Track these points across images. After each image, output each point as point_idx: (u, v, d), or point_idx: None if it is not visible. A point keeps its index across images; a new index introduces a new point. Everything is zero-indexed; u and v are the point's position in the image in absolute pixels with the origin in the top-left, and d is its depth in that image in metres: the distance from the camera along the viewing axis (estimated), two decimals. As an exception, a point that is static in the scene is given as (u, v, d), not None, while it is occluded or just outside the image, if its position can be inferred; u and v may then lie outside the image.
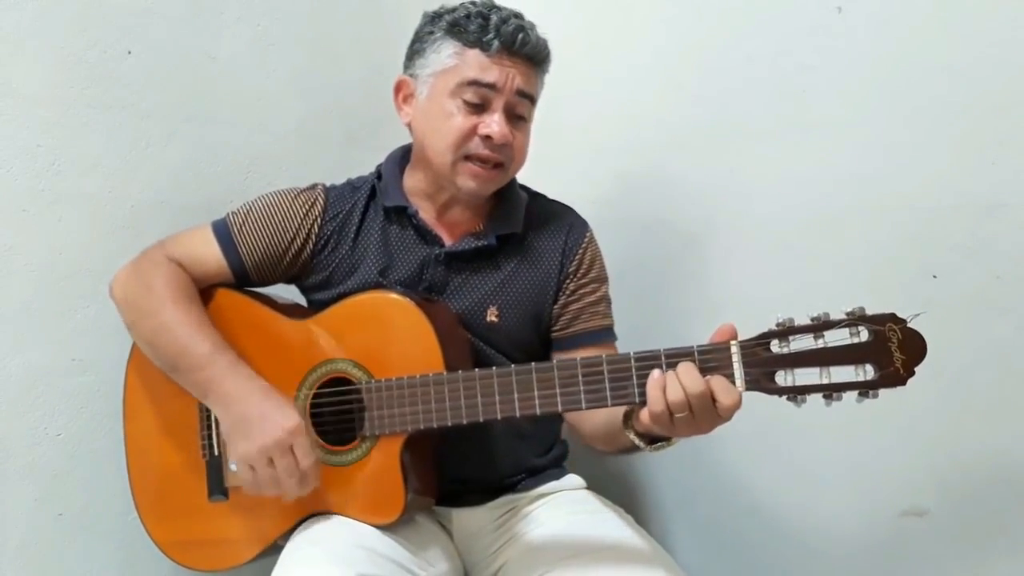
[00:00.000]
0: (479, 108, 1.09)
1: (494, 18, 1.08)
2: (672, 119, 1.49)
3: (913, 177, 1.21)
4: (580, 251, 1.20)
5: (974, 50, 1.16)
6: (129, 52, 1.29)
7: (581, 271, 1.20)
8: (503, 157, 1.12)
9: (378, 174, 1.22)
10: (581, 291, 1.20)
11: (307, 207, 1.17)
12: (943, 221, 1.19)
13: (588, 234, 1.23)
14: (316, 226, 1.16)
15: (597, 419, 1.07)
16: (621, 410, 0.98)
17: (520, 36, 1.08)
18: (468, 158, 1.10)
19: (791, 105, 1.33)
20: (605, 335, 1.20)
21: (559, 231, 1.21)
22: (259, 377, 1.04)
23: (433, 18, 1.13)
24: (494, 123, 1.09)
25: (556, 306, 1.19)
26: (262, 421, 0.99)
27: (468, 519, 1.19)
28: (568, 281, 1.19)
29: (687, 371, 0.87)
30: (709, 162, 1.43)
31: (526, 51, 1.10)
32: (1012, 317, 1.15)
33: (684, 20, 1.47)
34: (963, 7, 1.16)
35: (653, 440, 0.96)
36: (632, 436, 0.96)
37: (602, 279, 1.23)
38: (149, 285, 1.10)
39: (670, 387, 0.87)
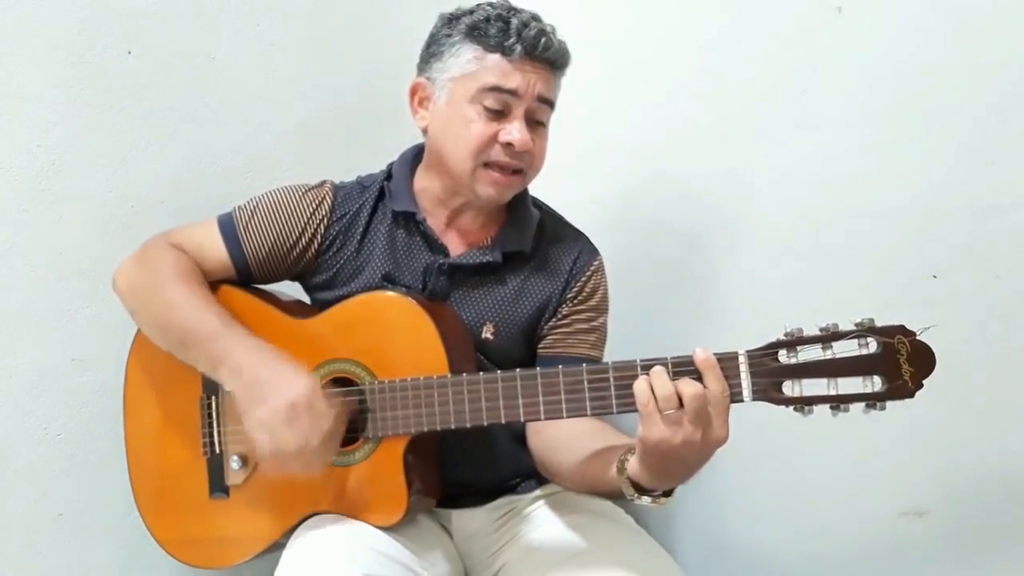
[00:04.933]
0: (499, 114, 1.07)
1: (515, 22, 1.05)
2: (672, 119, 1.49)
3: (913, 177, 1.21)
4: (584, 278, 1.18)
5: (974, 50, 1.16)
6: (129, 52, 1.29)
7: (580, 298, 1.17)
8: (523, 164, 1.10)
9: (388, 174, 1.20)
10: (573, 316, 1.17)
11: (314, 206, 1.15)
12: (943, 221, 1.19)
13: (596, 263, 1.20)
14: (323, 226, 1.15)
15: (577, 455, 1.03)
16: (609, 457, 0.96)
17: (543, 41, 1.05)
18: (488, 165, 1.08)
19: (791, 105, 1.33)
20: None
21: (567, 256, 1.19)
22: (269, 343, 1.02)
23: (450, 20, 1.11)
24: (515, 130, 1.06)
25: (547, 326, 1.17)
26: (277, 382, 0.96)
27: (468, 520, 1.19)
28: (564, 306, 1.17)
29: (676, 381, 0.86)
30: (710, 162, 1.43)
31: (548, 56, 1.07)
32: (1012, 317, 1.15)
33: (685, 20, 1.48)
34: (963, 7, 1.16)
35: (643, 491, 0.93)
36: (624, 483, 0.92)
37: (600, 310, 1.19)
38: (153, 268, 1.10)
39: (657, 382, 0.86)
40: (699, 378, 0.86)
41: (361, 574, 0.93)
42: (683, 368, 0.87)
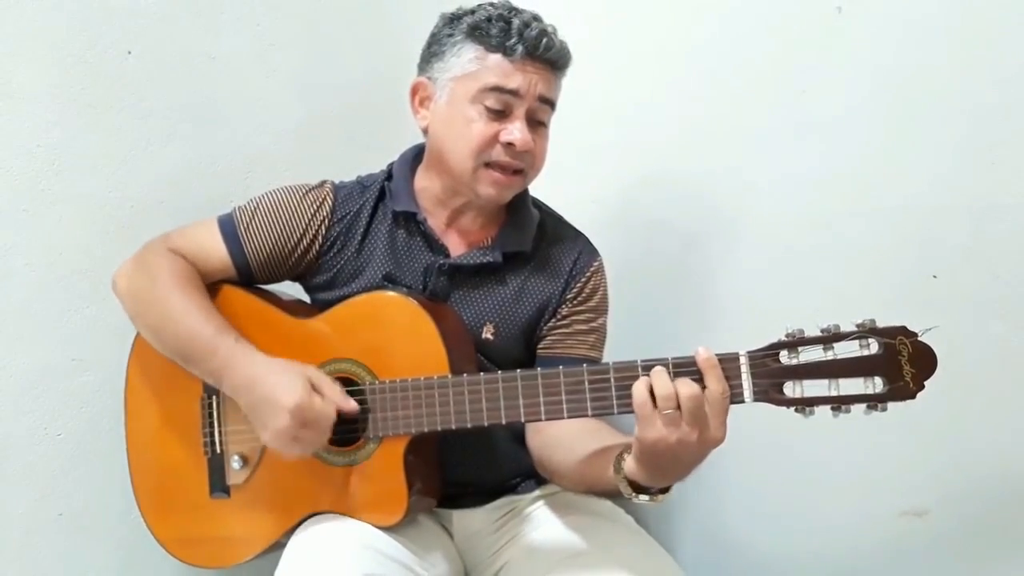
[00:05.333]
0: (500, 114, 1.07)
1: (516, 22, 1.06)
2: (672, 119, 1.49)
3: (913, 177, 1.21)
4: (583, 279, 1.18)
5: (974, 50, 1.16)
6: (129, 52, 1.29)
7: (579, 299, 1.18)
8: (523, 164, 1.10)
9: (388, 174, 1.20)
10: (573, 317, 1.17)
11: (315, 207, 1.15)
12: (943, 221, 1.19)
13: (596, 264, 1.20)
14: (324, 227, 1.15)
15: (575, 454, 1.04)
16: (606, 457, 0.96)
17: (544, 41, 1.06)
18: (489, 165, 1.08)
19: (791, 105, 1.33)
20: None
21: (567, 256, 1.19)
22: (260, 353, 1.03)
23: (452, 20, 1.11)
24: (516, 130, 1.06)
25: (546, 327, 1.17)
26: (270, 406, 0.98)
27: (468, 520, 1.19)
28: (563, 306, 1.17)
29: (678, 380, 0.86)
30: (709, 162, 1.43)
31: (549, 56, 1.07)
32: (1012, 317, 1.15)
33: (685, 21, 1.47)
34: (963, 7, 1.16)
35: (640, 489, 0.93)
36: (621, 482, 0.93)
37: (600, 311, 1.20)
38: (153, 275, 1.10)
39: (657, 382, 0.86)
40: (700, 378, 0.86)
41: (361, 574, 0.93)
42: (684, 368, 0.87)
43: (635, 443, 0.88)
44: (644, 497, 0.93)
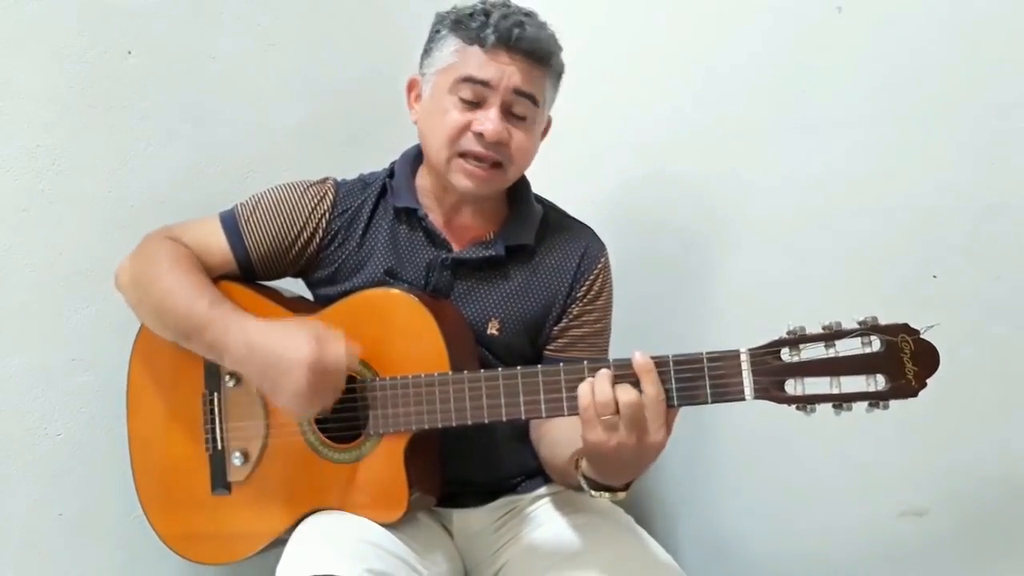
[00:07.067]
0: (475, 106, 1.08)
1: (495, 14, 1.06)
2: (673, 119, 1.49)
3: (913, 177, 1.21)
4: (592, 276, 1.18)
5: (974, 50, 1.16)
6: (129, 52, 1.29)
7: (589, 297, 1.18)
8: (499, 156, 1.09)
9: (391, 171, 1.21)
10: (584, 318, 1.18)
11: (316, 201, 1.16)
12: (943, 221, 1.19)
13: (603, 259, 1.20)
14: (324, 221, 1.16)
15: (556, 451, 1.07)
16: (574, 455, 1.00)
17: (516, 32, 1.05)
18: (463, 156, 1.09)
19: (791, 105, 1.33)
20: None
21: (574, 250, 1.19)
22: (255, 318, 1.02)
23: (442, 17, 1.13)
24: (487, 120, 1.07)
25: (557, 327, 1.18)
26: (282, 369, 0.97)
27: (468, 520, 1.19)
28: (574, 305, 1.18)
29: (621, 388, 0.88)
30: (709, 162, 1.43)
31: (523, 47, 1.06)
32: (1012, 317, 1.15)
33: (685, 20, 1.47)
34: (962, 7, 1.16)
35: (598, 487, 0.98)
36: (581, 479, 0.98)
37: (607, 307, 1.20)
38: (151, 258, 1.10)
39: (597, 387, 0.88)
40: (711, 376, 0.87)
41: (363, 568, 0.93)
42: (685, 365, 0.88)
43: (582, 443, 0.92)
44: (605, 495, 0.97)
